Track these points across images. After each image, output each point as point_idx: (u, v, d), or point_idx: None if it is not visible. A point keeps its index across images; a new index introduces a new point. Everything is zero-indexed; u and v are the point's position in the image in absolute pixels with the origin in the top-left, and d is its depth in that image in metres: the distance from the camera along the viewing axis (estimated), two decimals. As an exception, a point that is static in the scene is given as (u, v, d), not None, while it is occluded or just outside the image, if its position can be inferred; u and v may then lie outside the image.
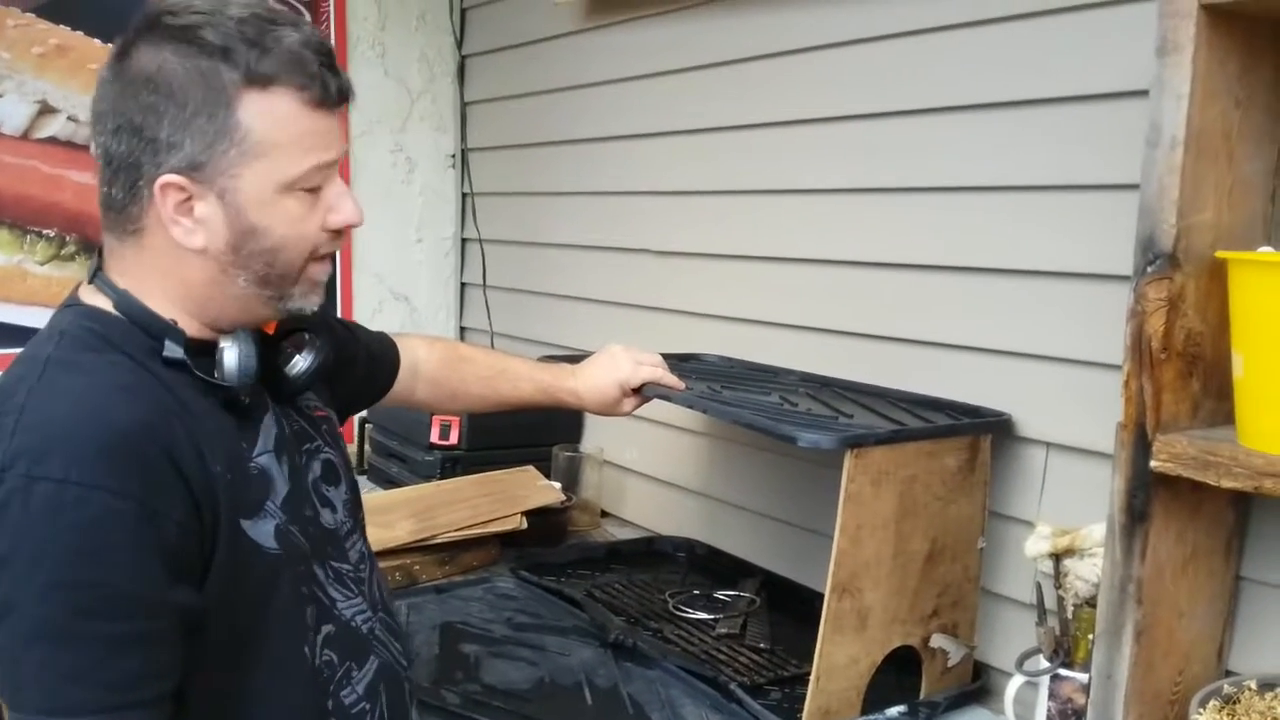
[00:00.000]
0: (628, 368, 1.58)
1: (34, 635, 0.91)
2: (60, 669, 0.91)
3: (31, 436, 0.92)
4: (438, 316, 2.99)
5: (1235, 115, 1.08)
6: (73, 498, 0.90)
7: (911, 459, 1.39)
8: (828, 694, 1.36)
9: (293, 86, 1.01)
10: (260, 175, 1.01)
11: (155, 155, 0.99)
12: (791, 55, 1.86)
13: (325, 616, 1.13)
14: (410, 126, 2.89)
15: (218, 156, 1.00)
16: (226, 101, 0.99)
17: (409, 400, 1.58)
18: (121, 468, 0.92)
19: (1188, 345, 1.09)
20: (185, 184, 1.00)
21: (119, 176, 1.01)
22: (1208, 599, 1.20)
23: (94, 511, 0.91)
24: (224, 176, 1.01)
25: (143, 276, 1.05)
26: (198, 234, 1.02)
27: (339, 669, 1.13)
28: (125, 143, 1.00)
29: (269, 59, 1.00)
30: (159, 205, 1.01)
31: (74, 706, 0.91)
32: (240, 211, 1.02)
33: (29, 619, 0.91)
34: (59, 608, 0.91)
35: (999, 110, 1.53)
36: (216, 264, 1.04)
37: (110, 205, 1.04)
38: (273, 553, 1.07)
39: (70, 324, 1.02)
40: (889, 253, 1.71)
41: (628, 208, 2.31)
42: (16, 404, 0.94)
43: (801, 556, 1.86)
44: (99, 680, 0.92)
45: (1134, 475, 1.09)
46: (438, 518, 1.93)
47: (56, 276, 2.43)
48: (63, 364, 0.98)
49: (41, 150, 2.41)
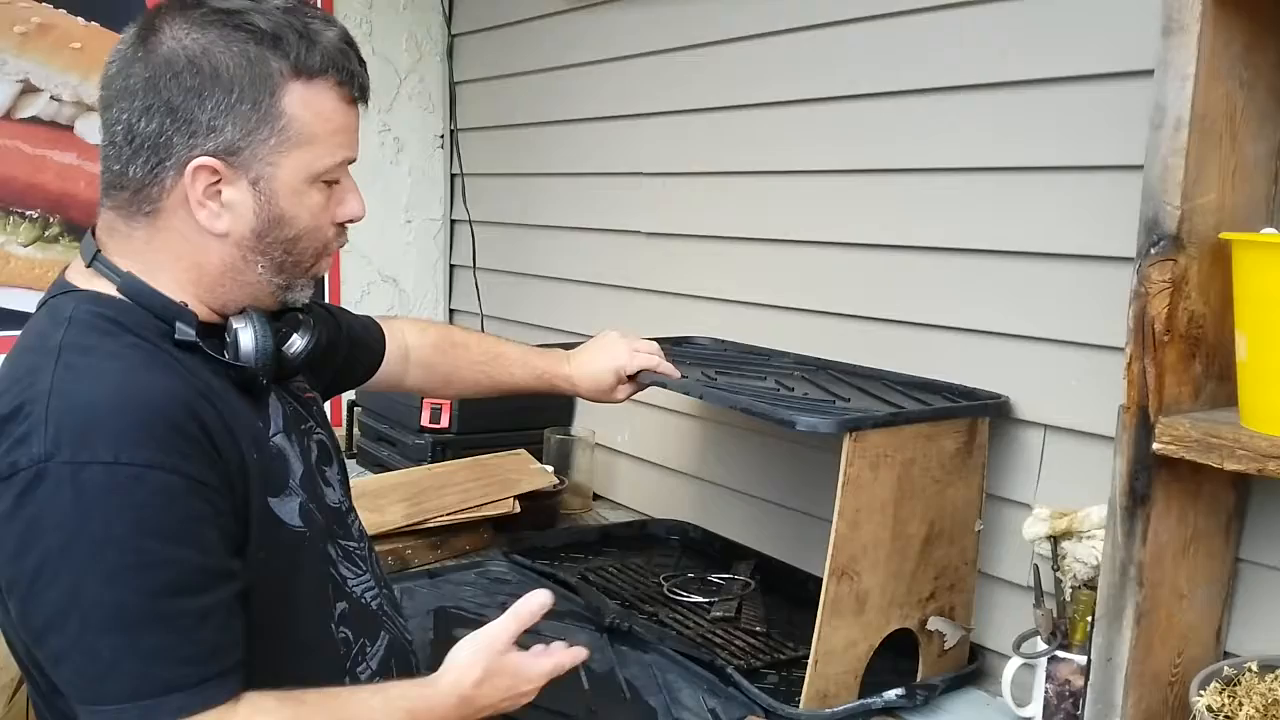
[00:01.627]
0: (624, 354, 1.58)
1: (109, 622, 0.90)
2: (141, 651, 0.90)
3: (68, 422, 0.91)
4: (426, 298, 2.98)
5: (1240, 96, 1.08)
6: (126, 478, 0.89)
7: (909, 442, 1.39)
8: (826, 677, 1.36)
9: (333, 81, 1.03)
10: (296, 165, 1.02)
11: (191, 137, 0.99)
12: (787, 34, 1.84)
13: (340, 594, 1.15)
14: (398, 106, 2.86)
15: (257, 143, 1.00)
16: (272, 89, 1.00)
17: (400, 385, 1.57)
18: (167, 443, 0.92)
19: (1190, 327, 1.08)
20: (219, 167, 1.00)
21: (141, 155, 1.00)
22: (1207, 581, 1.20)
23: (150, 489, 0.90)
24: (260, 163, 1.01)
25: (151, 259, 1.04)
26: (223, 218, 1.02)
27: (354, 646, 1.14)
28: (156, 122, 0.98)
29: (315, 52, 1.01)
30: (187, 187, 1.00)
31: (160, 687, 0.91)
32: (272, 199, 1.03)
33: (102, 606, 0.90)
34: (132, 590, 0.90)
35: (997, 90, 1.52)
36: (237, 250, 1.04)
37: (123, 184, 1.02)
38: (298, 530, 1.08)
39: (76, 309, 1.00)
40: (885, 234, 1.70)
41: (619, 189, 2.29)
42: (40, 391, 0.92)
43: (795, 539, 1.86)
44: (181, 656, 0.92)
45: (1136, 457, 1.09)
46: (429, 502, 1.92)
47: (40, 258, 2.41)
48: (79, 348, 0.96)
49: (24, 130, 2.37)
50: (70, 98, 2.40)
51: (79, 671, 0.91)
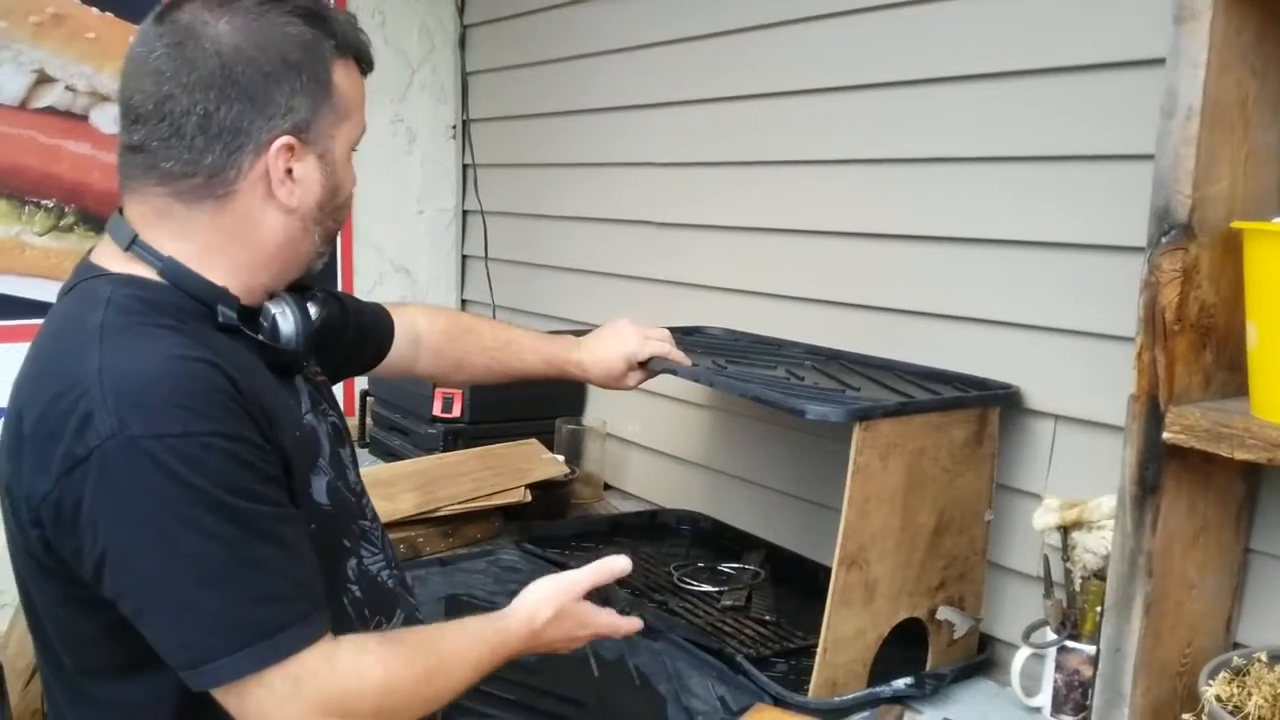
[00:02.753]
0: (635, 341, 1.58)
1: (210, 576, 0.93)
2: (246, 598, 0.94)
3: (127, 397, 0.93)
4: (438, 288, 2.98)
5: (1251, 85, 1.07)
6: (196, 447, 0.93)
7: (919, 431, 1.39)
8: (834, 666, 1.37)
9: (355, 56, 1.11)
10: (345, 136, 1.11)
11: (270, 119, 1.03)
12: (799, 24, 1.84)
13: (359, 572, 1.18)
14: (410, 97, 2.86)
15: (320, 119, 1.07)
16: (327, 67, 1.07)
17: (411, 371, 1.58)
18: (225, 413, 0.96)
19: (1201, 316, 1.08)
20: (295, 145, 1.05)
21: (219, 141, 1.02)
22: (1217, 571, 1.20)
23: (219, 455, 0.94)
24: (325, 138, 1.08)
25: (211, 242, 1.06)
26: (295, 193, 1.07)
27: (370, 623, 1.17)
28: (237, 108, 1.02)
29: (344, 30, 1.09)
30: (269, 166, 1.04)
31: (276, 624, 0.95)
32: (332, 170, 1.10)
33: (200, 562, 0.93)
34: (224, 543, 0.94)
35: (1008, 80, 1.52)
36: (301, 223, 1.09)
37: (193, 172, 1.03)
38: (327, 508, 1.12)
39: (114, 292, 1.02)
40: (896, 224, 1.70)
41: (630, 179, 2.29)
42: (90, 370, 0.94)
43: (805, 529, 1.86)
44: (283, 596, 0.96)
45: (1146, 447, 1.09)
46: (441, 490, 1.92)
47: (55, 248, 2.42)
48: (121, 329, 0.98)
49: (39, 120, 2.38)
50: (85, 88, 2.41)
51: (191, 631, 0.94)
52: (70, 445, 0.93)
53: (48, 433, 0.94)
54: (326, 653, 0.97)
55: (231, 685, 0.94)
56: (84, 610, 1.00)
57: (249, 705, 0.95)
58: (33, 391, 0.99)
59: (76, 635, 1.03)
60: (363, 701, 0.98)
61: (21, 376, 1.02)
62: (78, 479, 0.92)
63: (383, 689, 1.00)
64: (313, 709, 0.96)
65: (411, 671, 1.03)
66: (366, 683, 0.99)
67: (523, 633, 1.14)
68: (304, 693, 0.95)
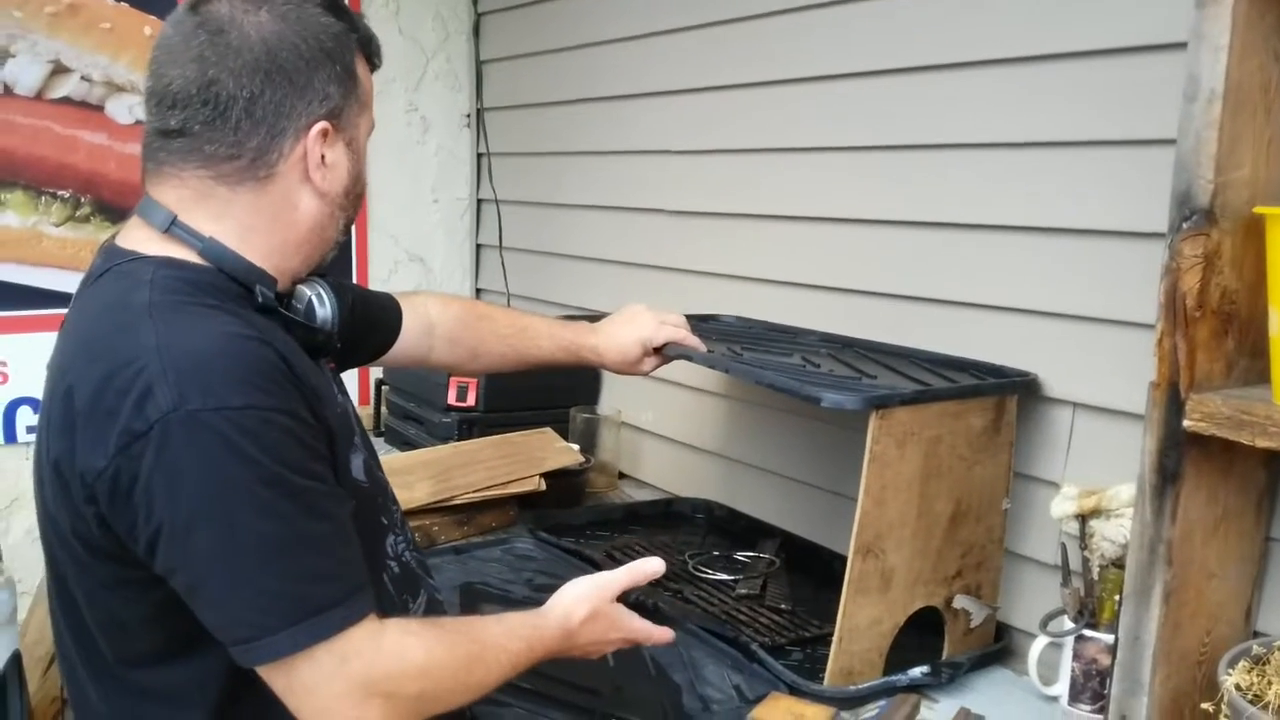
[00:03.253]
0: (650, 326, 1.58)
1: (267, 552, 0.95)
2: (303, 572, 0.96)
3: (188, 373, 0.94)
4: (453, 278, 2.98)
5: (1274, 69, 1.06)
6: (255, 421, 0.94)
7: (936, 419, 1.38)
8: (850, 654, 1.36)
9: (369, 51, 1.15)
10: (365, 125, 1.15)
11: (310, 104, 1.07)
12: (813, 10, 1.83)
13: (390, 551, 1.20)
14: (425, 86, 2.86)
15: (347, 107, 1.11)
16: (352, 59, 1.11)
17: (425, 360, 1.57)
18: (280, 389, 0.98)
19: (1223, 303, 1.07)
20: (330, 130, 1.08)
21: (262, 124, 1.05)
22: (1237, 560, 1.19)
23: (277, 430, 0.96)
24: (351, 126, 1.12)
25: (249, 224, 1.08)
26: (328, 178, 1.10)
27: (397, 601, 1.18)
28: (280, 91, 1.05)
29: (358, 26, 1.13)
30: (308, 149, 1.07)
31: (326, 602, 0.96)
32: (358, 157, 1.14)
33: (260, 537, 0.94)
34: (282, 520, 0.95)
35: (1025, 65, 1.50)
36: (330, 207, 1.12)
37: (238, 154, 1.06)
38: (364, 485, 1.15)
39: (155, 273, 1.03)
40: (912, 211, 1.69)
41: (644, 167, 2.29)
42: (146, 346, 0.95)
43: (820, 517, 1.85)
44: (333, 574, 0.98)
45: (1166, 435, 1.08)
46: (456, 479, 1.93)
47: (72, 238, 2.43)
48: (170, 306, 1.00)
49: (55, 111, 2.39)
50: (100, 78, 2.42)
51: (243, 607, 0.95)
52: (129, 421, 0.93)
53: (105, 409, 0.95)
54: (372, 632, 0.99)
55: (280, 662, 0.95)
56: (133, 592, 1.01)
57: (295, 682, 0.96)
58: (85, 369, 0.99)
59: (119, 621, 1.04)
60: (405, 682, 0.99)
61: (66, 358, 1.03)
62: (136, 453, 0.93)
63: (424, 672, 1.01)
64: (358, 687, 0.97)
65: (453, 657, 1.04)
66: (409, 664, 1.00)
67: (557, 632, 1.14)
68: (350, 671, 0.96)
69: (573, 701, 1.39)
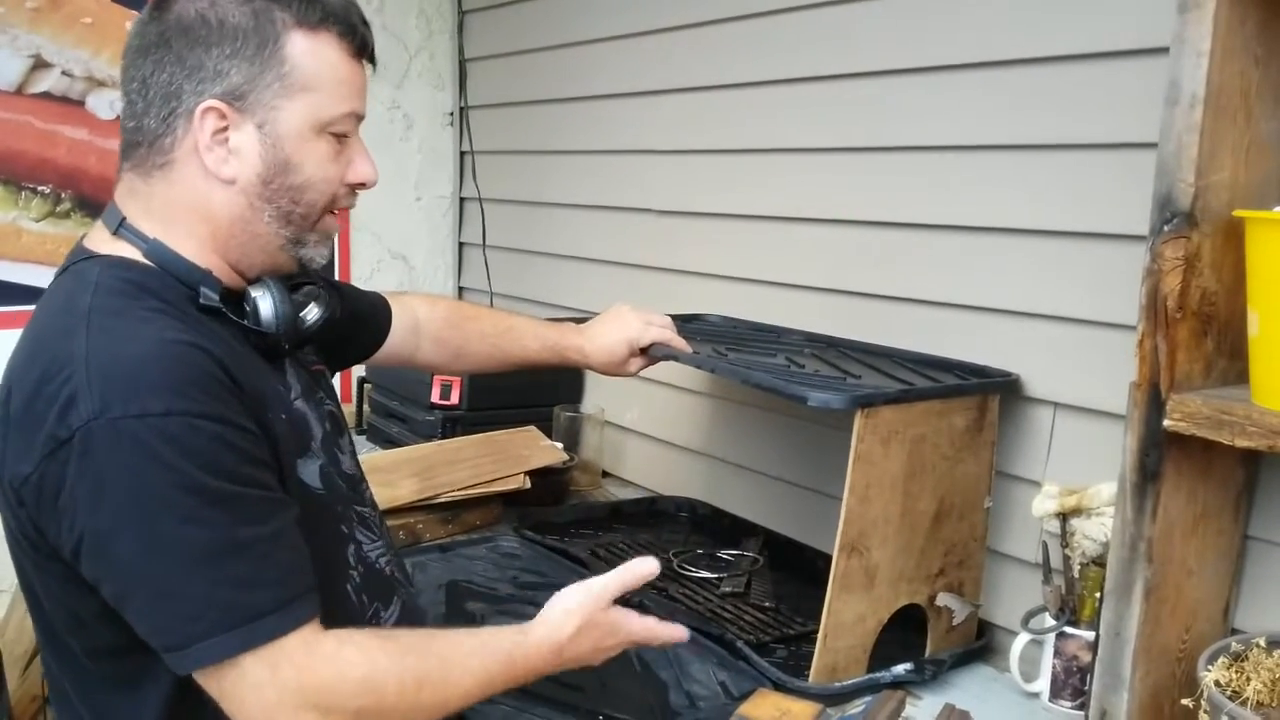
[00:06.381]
0: (636, 327, 1.58)
1: (193, 559, 0.92)
2: (228, 582, 0.93)
3: (113, 380, 0.93)
4: (436, 276, 2.98)
5: (1254, 74, 1.07)
6: (179, 428, 0.92)
7: (920, 418, 1.39)
8: (835, 651, 1.37)
9: (336, 33, 1.07)
10: (300, 111, 1.06)
11: (199, 84, 1.03)
12: (800, 11, 1.84)
13: (358, 558, 1.17)
14: (408, 83, 2.86)
15: (261, 88, 1.04)
16: (275, 37, 1.04)
17: (412, 360, 1.57)
18: (211, 394, 0.96)
19: (1203, 304, 1.09)
20: (225, 110, 1.03)
21: (154, 106, 1.04)
22: (1216, 557, 1.21)
23: (204, 436, 0.94)
24: (265, 108, 1.05)
25: (169, 217, 1.06)
26: (230, 163, 1.05)
27: (369, 609, 1.16)
28: (168, 71, 1.03)
29: (317, 6, 1.06)
30: (196, 132, 1.03)
31: (255, 610, 0.93)
32: (277, 143, 1.06)
33: (183, 545, 0.92)
34: (208, 526, 0.93)
35: (1007, 68, 1.52)
36: (244, 197, 1.07)
37: (140, 139, 1.05)
38: (318, 492, 1.11)
39: (101, 274, 1.02)
40: (895, 212, 1.70)
41: (629, 166, 2.29)
42: (77, 354, 0.95)
43: (803, 516, 1.86)
44: (266, 580, 0.95)
45: (1146, 434, 1.09)
46: (440, 477, 1.93)
47: (51, 233, 2.41)
48: (108, 311, 0.99)
49: (35, 105, 2.37)
50: (81, 73, 2.40)
51: (171, 615, 0.93)
52: (53, 428, 0.93)
53: (35, 415, 0.94)
54: (309, 641, 0.96)
55: (211, 669, 0.93)
56: (83, 591, 1.00)
57: (227, 690, 0.94)
58: (23, 373, 0.99)
59: (77, 616, 1.03)
60: (342, 695, 0.96)
61: (14, 357, 1.03)
62: (60, 461, 0.93)
63: (366, 686, 0.97)
64: (290, 697, 0.94)
65: (401, 671, 0.99)
66: (348, 677, 0.96)
67: (546, 647, 1.09)
68: (281, 679, 0.94)
69: (558, 698, 1.39)
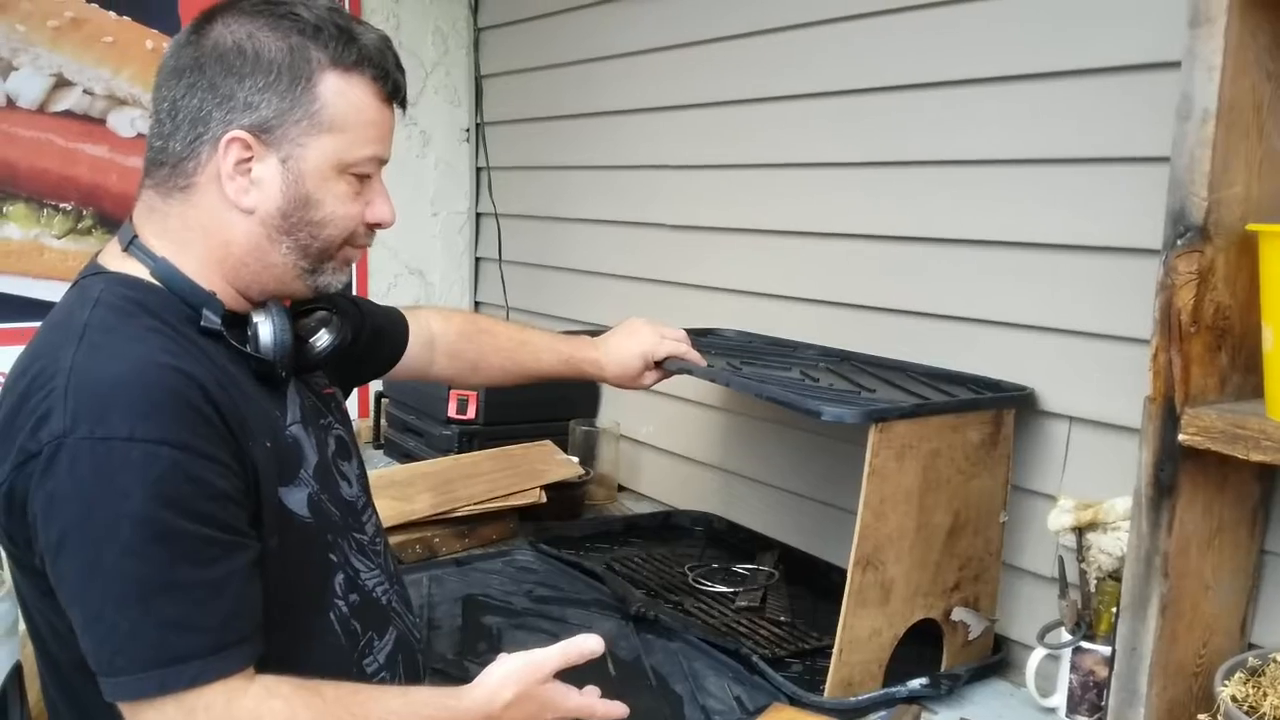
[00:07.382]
0: (651, 340, 1.59)
1: (127, 593, 0.92)
2: (162, 619, 0.92)
3: (86, 399, 0.93)
4: (452, 291, 2.99)
5: (1267, 88, 1.08)
6: (140, 453, 0.92)
7: (935, 433, 1.39)
8: (850, 666, 1.37)
9: (370, 76, 1.09)
10: (325, 150, 1.07)
11: (228, 113, 1.04)
12: (813, 28, 1.85)
13: (351, 586, 1.16)
14: (424, 100, 2.88)
15: (289, 124, 1.05)
16: (309, 74, 1.05)
17: (427, 373, 1.58)
18: (180, 420, 0.95)
19: (1217, 318, 1.09)
20: (251, 141, 1.04)
21: (181, 129, 1.05)
22: (1232, 572, 1.20)
23: (164, 464, 0.93)
24: (290, 143, 1.06)
25: (184, 239, 1.07)
26: (251, 194, 1.06)
27: (362, 638, 1.15)
28: (199, 97, 1.04)
29: (354, 47, 1.07)
30: (219, 160, 1.04)
31: (181, 654, 0.93)
32: (299, 179, 1.07)
33: (119, 578, 0.92)
34: (148, 562, 0.92)
35: (1021, 83, 1.52)
36: (263, 228, 1.07)
37: (164, 160, 1.07)
38: (305, 520, 1.09)
39: (104, 291, 1.03)
40: (910, 226, 1.70)
41: (644, 182, 2.30)
42: (62, 368, 0.95)
43: (819, 530, 1.87)
44: (197, 626, 0.94)
45: (1161, 448, 1.09)
46: (457, 491, 1.94)
47: (74, 250, 2.43)
48: (102, 328, 0.99)
49: (57, 123, 2.40)
50: (103, 91, 2.43)
51: (100, 642, 0.93)
52: (25, 440, 0.94)
53: (16, 426, 0.95)
54: (232, 691, 0.94)
55: (128, 705, 0.93)
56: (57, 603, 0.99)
57: None
58: (14, 382, 1.00)
59: (55, 628, 1.03)
60: None
61: (13, 366, 1.03)
62: (26, 474, 0.94)
63: None
64: None
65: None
66: None
67: (476, 714, 1.06)
68: None
69: (574, 713, 1.40)
